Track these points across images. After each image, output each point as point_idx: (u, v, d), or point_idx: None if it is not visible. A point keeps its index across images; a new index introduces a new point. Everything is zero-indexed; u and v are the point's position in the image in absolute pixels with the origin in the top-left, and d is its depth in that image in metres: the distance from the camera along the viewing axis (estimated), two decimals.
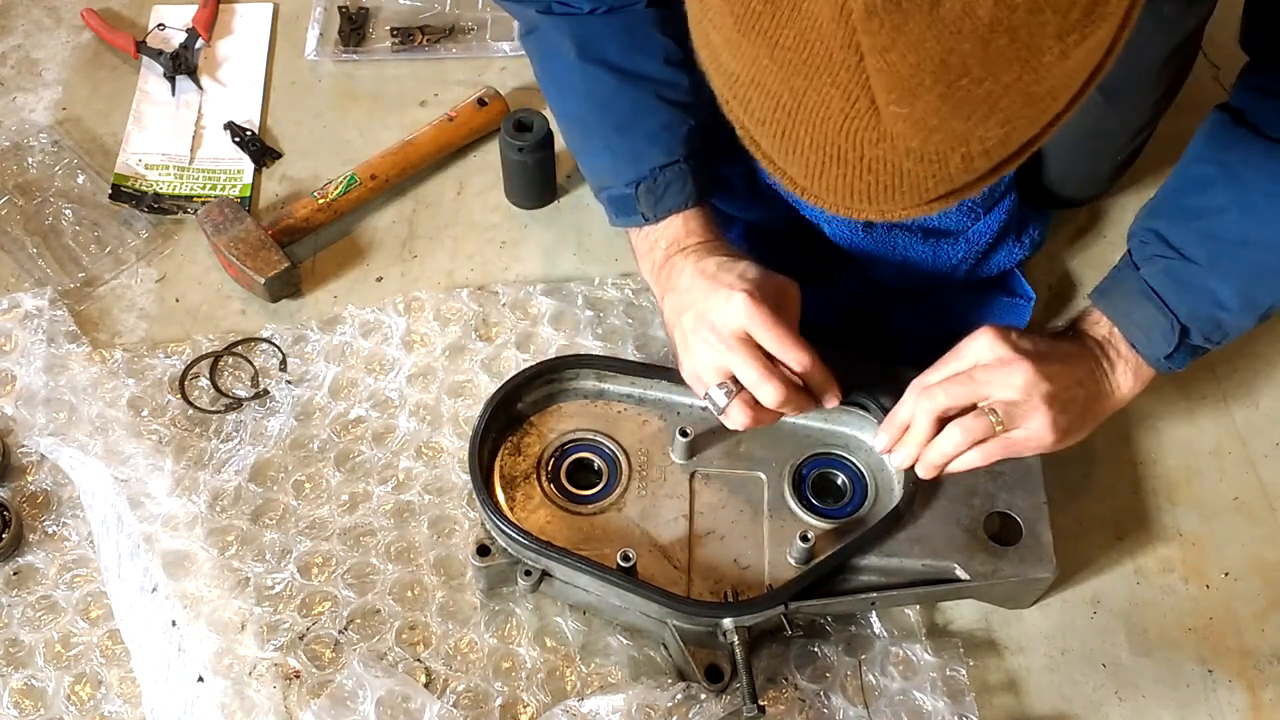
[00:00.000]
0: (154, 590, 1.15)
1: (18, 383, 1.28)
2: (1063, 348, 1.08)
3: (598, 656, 1.14)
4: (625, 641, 1.15)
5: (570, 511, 1.16)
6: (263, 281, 1.33)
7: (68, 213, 1.43)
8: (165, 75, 1.56)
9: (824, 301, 1.21)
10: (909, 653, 1.14)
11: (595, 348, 1.32)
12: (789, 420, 1.17)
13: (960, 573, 1.11)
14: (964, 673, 1.13)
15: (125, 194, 1.44)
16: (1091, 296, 1.12)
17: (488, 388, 1.29)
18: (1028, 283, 1.34)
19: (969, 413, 1.05)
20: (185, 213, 1.44)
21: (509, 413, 1.19)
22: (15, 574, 1.18)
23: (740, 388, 1.07)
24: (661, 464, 1.18)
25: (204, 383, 1.30)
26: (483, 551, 1.13)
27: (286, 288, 1.36)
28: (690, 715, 1.07)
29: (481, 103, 1.49)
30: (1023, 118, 0.69)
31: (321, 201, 1.40)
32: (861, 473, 1.18)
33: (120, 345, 1.33)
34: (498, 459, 1.18)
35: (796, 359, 1.06)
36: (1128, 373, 1.09)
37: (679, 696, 1.08)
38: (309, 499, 1.23)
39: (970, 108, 0.67)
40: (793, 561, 1.12)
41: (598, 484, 1.17)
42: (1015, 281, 1.34)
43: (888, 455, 1.12)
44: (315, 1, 1.64)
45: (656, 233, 1.16)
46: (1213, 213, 1.06)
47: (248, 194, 1.46)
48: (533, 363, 1.22)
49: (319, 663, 1.13)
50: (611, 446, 1.19)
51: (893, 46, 0.64)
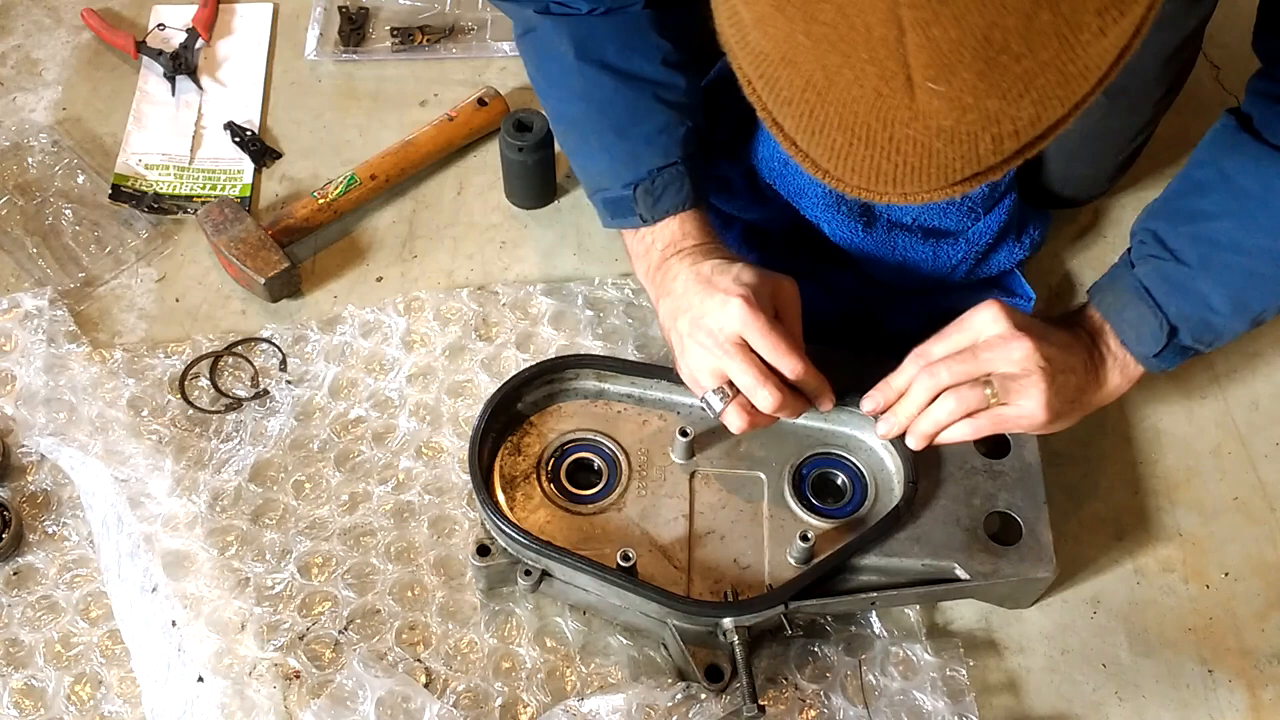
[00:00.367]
0: (154, 590, 1.15)
1: (18, 383, 1.28)
2: (1059, 333, 1.08)
3: (598, 656, 1.14)
4: (625, 641, 1.15)
5: (570, 511, 1.16)
6: (263, 281, 1.33)
7: (68, 213, 1.43)
8: (165, 75, 1.56)
9: (824, 301, 1.21)
10: (909, 653, 1.14)
11: (595, 348, 1.32)
12: (789, 420, 1.17)
13: (960, 573, 1.11)
14: (964, 673, 1.13)
15: (125, 194, 1.44)
16: (1089, 291, 1.12)
17: (488, 388, 1.29)
18: (1028, 283, 1.34)
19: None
20: (185, 213, 1.44)
21: (509, 413, 1.19)
22: (15, 574, 1.18)
23: (737, 391, 1.07)
24: (661, 464, 1.18)
25: (204, 383, 1.30)
26: (483, 551, 1.13)
27: (286, 288, 1.36)
28: (690, 715, 1.07)
29: (481, 103, 1.49)
30: (1055, 97, 0.70)
31: (321, 201, 1.40)
32: (861, 473, 1.18)
33: (120, 345, 1.33)
34: (498, 459, 1.18)
35: (789, 366, 1.06)
36: (1115, 369, 1.09)
37: (679, 696, 1.08)
38: (309, 499, 1.23)
39: (1006, 85, 0.68)
40: (793, 561, 1.12)
41: (598, 484, 1.17)
42: (1015, 281, 1.34)
43: (871, 425, 1.12)
44: (315, 1, 1.64)
45: (652, 234, 1.16)
46: (1208, 217, 1.06)
47: (248, 194, 1.46)
48: (533, 363, 1.21)
49: (319, 663, 1.13)
50: (611, 446, 1.19)
51: (936, 21, 0.64)
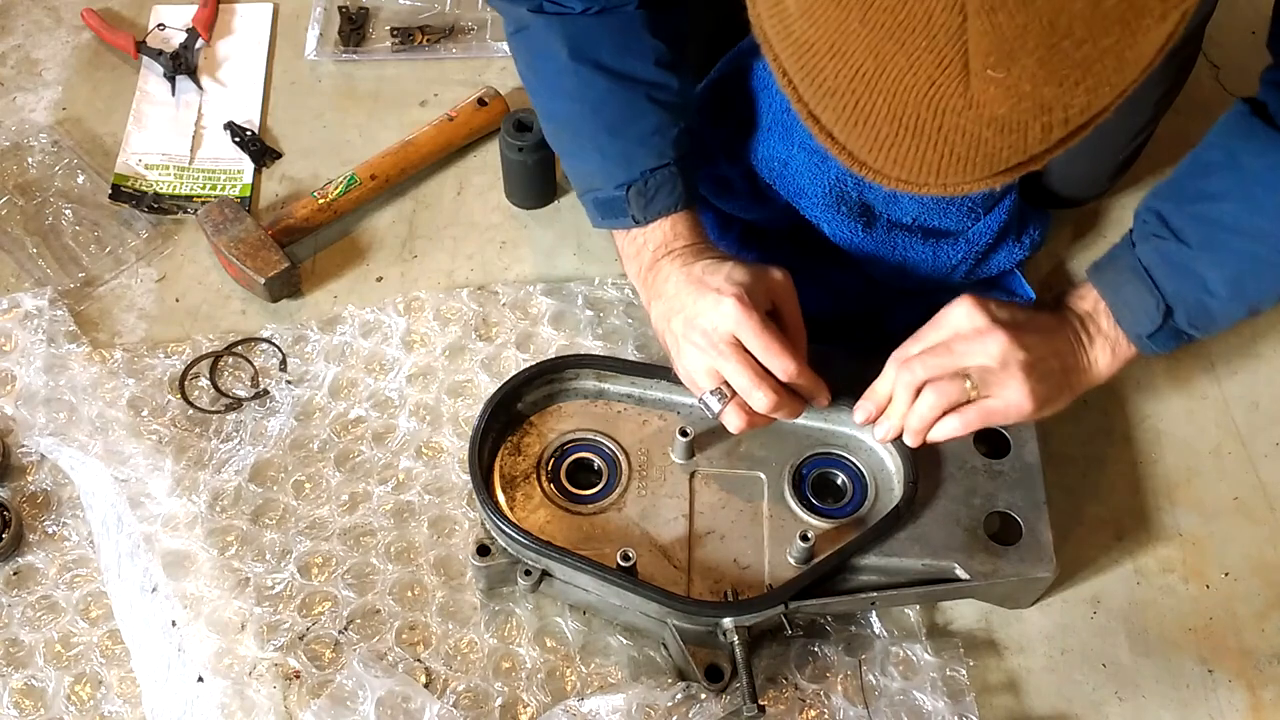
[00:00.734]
0: (154, 590, 1.15)
1: (18, 383, 1.28)
2: (1041, 319, 1.08)
3: (598, 656, 1.14)
4: (625, 641, 1.15)
5: (570, 511, 1.16)
6: (263, 281, 1.33)
7: (68, 213, 1.43)
8: (165, 75, 1.56)
9: (824, 301, 1.21)
10: (909, 653, 1.14)
11: (595, 348, 1.32)
12: (789, 420, 1.17)
13: (960, 572, 1.11)
14: (964, 673, 1.13)
15: (125, 194, 1.44)
16: (1087, 270, 1.12)
17: (488, 388, 1.29)
18: (1028, 283, 1.34)
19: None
20: (185, 213, 1.44)
21: (509, 413, 1.19)
22: (15, 574, 1.18)
23: (735, 391, 1.07)
24: (661, 464, 1.18)
25: (204, 383, 1.30)
26: (483, 551, 1.13)
27: (286, 288, 1.36)
28: (690, 715, 1.07)
29: (481, 103, 1.49)
30: (1107, 84, 0.70)
31: (321, 201, 1.40)
32: (861, 472, 1.18)
33: (120, 345, 1.33)
34: (498, 459, 1.18)
35: (783, 367, 1.06)
36: (1106, 349, 1.09)
37: (679, 696, 1.08)
38: (309, 499, 1.23)
39: (1065, 72, 0.68)
40: (793, 561, 1.12)
41: (598, 484, 1.17)
42: (1015, 282, 1.34)
43: (870, 427, 1.12)
44: (315, 1, 1.64)
45: (644, 235, 1.16)
46: (1213, 198, 1.06)
47: (248, 194, 1.46)
48: (533, 363, 1.21)
49: (319, 663, 1.13)
50: (611, 446, 1.19)
51: (1002, 6, 0.64)
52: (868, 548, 1.11)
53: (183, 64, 1.57)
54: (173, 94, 1.55)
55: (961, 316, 1.05)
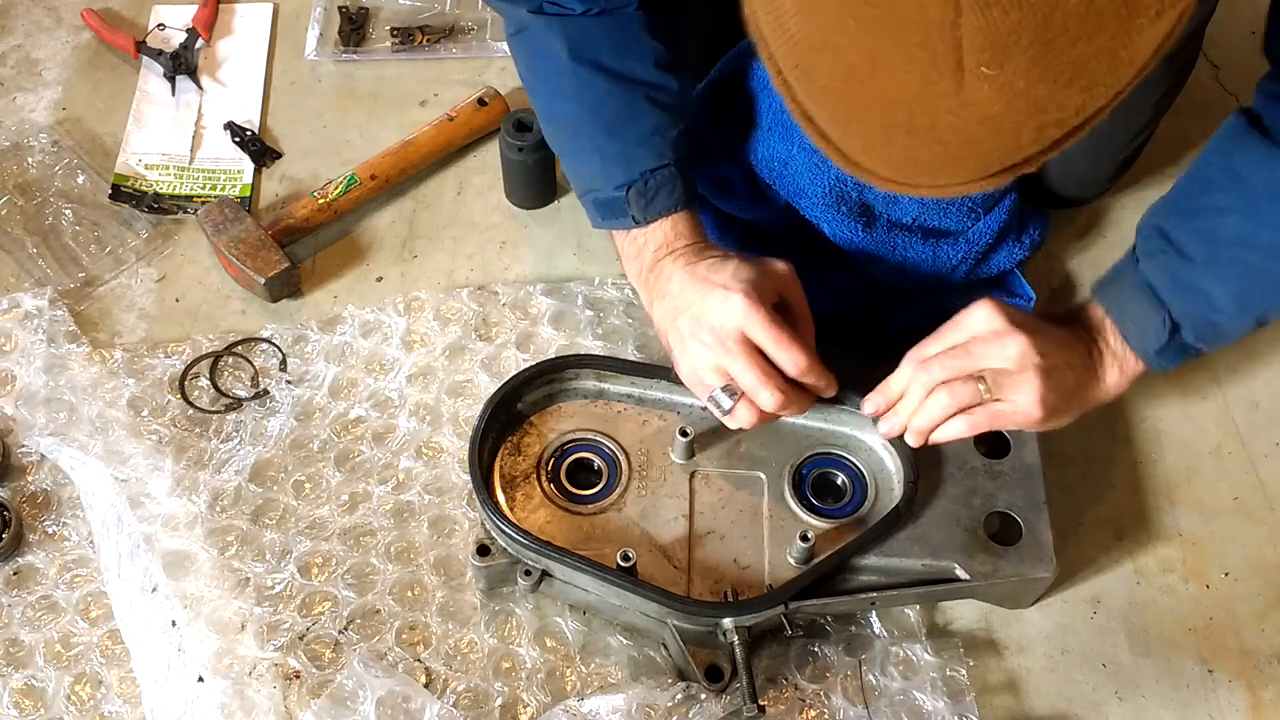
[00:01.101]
0: (154, 590, 1.15)
1: (18, 383, 1.28)
2: (1056, 330, 1.08)
3: (598, 656, 1.14)
4: (625, 641, 1.15)
5: (570, 511, 1.16)
6: (263, 281, 1.33)
7: (68, 213, 1.43)
8: (165, 75, 1.56)
9: (824, 301, 1.21)
10: (909, 653, 1.14)
11: (595, 348, 1.32)
12: (789, 420, 1.17)
13: (960, 572, 1.11)
14: (964, 673, 1.13)
15: (125, 194, 1.44)
16: (1093, 287, 1.12)
17: (488, 388, 1.29)
18: (1028, 283, 1.34)
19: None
20: (185, 213, 1.44)
21: (509, 413, 1.19)
22: (15, 574, 1.18)
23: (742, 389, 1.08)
24: (661, 464, 1.18)
25: (204, 383, 1.30)
26: (483, 551, 1.13)
27: (286, 288, 1.36)
28: (690, 715, 1.07)
29: (481, 103, 1.49)
30: (1102, 85, 0.70)
31: (321, 201, 1.40)
32: (861, 473, 1.18)
33: (120, 345, 1.33)
34: (498, 459, 1.18)
35: (793, 360, 1.06)
36: (1114, 366, 1.09)
37: (679, 696, 1.08)
38: (309, 499, 1.23)
39: (1059, 71, 0.67)
40: (793, 561, 1.12)
41: (598, 484, 1.17)
42: (1015, 282, 1.34)
43: (871, 427, 1.12)
44: (315, 1, 1.64)
45: (644, 235, 1.16)
46: (1216, 213, 1.06)
47: (248, 194, 1.46)
48: (533, 363, 1.21)
49: (319, 663, 1.13)
50: (611, 446, 1.19)
51: (996, 2, 0.63)
52: (868, 548, 1.11)
53: (183, 64, 1.57)
54: (173, 94, 1.55)
55: (981, 319, 1.05)
